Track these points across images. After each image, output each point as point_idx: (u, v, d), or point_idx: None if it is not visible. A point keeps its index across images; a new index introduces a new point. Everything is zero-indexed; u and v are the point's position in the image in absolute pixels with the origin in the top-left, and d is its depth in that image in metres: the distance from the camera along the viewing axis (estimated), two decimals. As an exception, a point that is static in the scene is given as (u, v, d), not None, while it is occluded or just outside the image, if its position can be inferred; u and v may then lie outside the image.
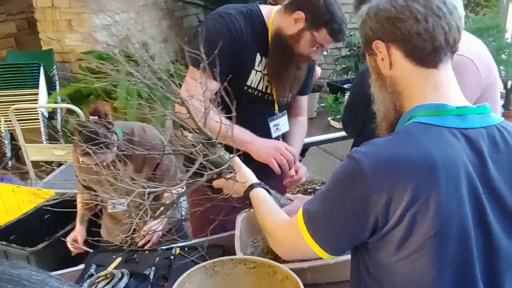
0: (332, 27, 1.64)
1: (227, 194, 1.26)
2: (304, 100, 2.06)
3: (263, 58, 1.78)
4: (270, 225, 1.13)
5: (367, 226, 0.90)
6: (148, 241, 1.90)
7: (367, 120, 2.28)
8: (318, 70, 3.25)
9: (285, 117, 1.95)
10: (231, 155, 1.20)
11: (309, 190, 1.56)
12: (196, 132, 1.13)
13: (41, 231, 2.54)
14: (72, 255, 2.48)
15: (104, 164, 1.89)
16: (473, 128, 0.91)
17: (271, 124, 1.88)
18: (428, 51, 0.92)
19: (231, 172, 1.18)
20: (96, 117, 1.96)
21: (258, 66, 1.78)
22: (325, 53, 5.93)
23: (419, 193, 0.84)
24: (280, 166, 1.62)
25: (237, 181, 1.20)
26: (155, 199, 1.15)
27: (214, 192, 1.24)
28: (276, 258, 1.43)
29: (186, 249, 1.70)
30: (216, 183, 1.22)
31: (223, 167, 1.12)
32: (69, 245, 2.23)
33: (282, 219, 1.12)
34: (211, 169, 1.10)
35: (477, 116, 0.92)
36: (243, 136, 1.62)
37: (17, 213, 2.64)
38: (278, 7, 1.80)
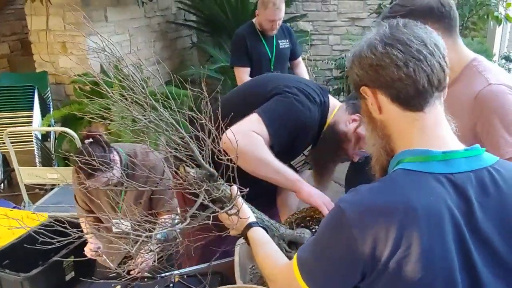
0: None
1: (229, 231, 1.27)
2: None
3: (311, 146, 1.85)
4: (269, 269, 1.13)
5: (356, 272, 0.90)
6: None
7: None
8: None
9: None
10: (232, 187, 1.21)
11: (307, 218, 1.57)
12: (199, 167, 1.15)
13: (35, 255, 2.51)
14: (66, 280, 2.46)
15: (110, 183, 1.90)
16: (459, 172, 0.90)
17: None
18: (411, 95, 0.93)
19: (233, 208, 1.19)
20: (91, 140, 1.98)
21: (306, 151, 1.86)
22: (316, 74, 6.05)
23: (400, 241, 0.85)
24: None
25: (240, 218, 1.21)
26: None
27: (215, 226, 1.26)
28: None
29: (185, 276, 1.71)
30: (220, 217, 1.23)
31: (229, 207, 1.13)
32: (90, 254, 2.19)
33: (281, 264, 1.12)
34: (213, 203, 1.11)
35: (464, 160, 0.92)
36: (292, 176, 1.67)
37: (10, 237, 2.61)
38: (341, 104, 1.87)
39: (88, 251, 2.20)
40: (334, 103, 1.86)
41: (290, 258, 1.10)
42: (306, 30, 6.34)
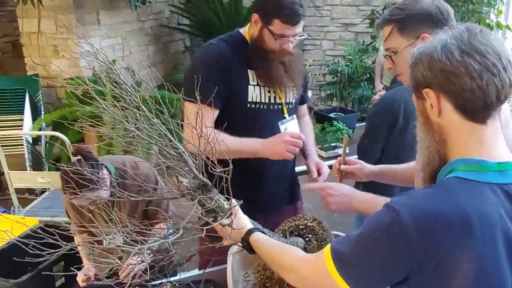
0: (282, 14, 1.71)
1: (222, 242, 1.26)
2: (304, 107, 2.23)
3: (254, 71, 1.87)
4: (290, 260, 1.12)
5: (400, 272, 0.91)
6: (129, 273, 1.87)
7: (386, 148, 2.33)
8: (309, 93, 3.34)
9: (295, 121, 2.02)
10: (229, 201, 1.20)
11: (301, 226, 1.56)
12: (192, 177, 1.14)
13: (24, 261, 2.47)
14: (56, 286, 2.43)
15: (98, 202, 1.86)
16: None
17: (282, 127, 1.94)
18: (478, 107, 0.92)
19: (227, 218, 1.18)
20: (79, 157, 1.92)
21: (253, 80, 1.86)
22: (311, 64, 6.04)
23: (453, 248, 0.86)
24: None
25: (234, 229, 1.20)
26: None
27: (209, 237, 1.25)
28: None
29: (177, 285, 1.69)
30: (215, 227, 1.22)
31: (223, 218, 1.12)
32: (81, 284, 2.14)
33: (302, 255, 1.12)
34: (207, 213, 1.11)
35: None
36: (252, 146, 1.73)
37: (0, 242, 2.58)
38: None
39: (80, 281, 2.18)
40: (246, 27, 1.90)
41: None
42: (299, 35, 6.35)
